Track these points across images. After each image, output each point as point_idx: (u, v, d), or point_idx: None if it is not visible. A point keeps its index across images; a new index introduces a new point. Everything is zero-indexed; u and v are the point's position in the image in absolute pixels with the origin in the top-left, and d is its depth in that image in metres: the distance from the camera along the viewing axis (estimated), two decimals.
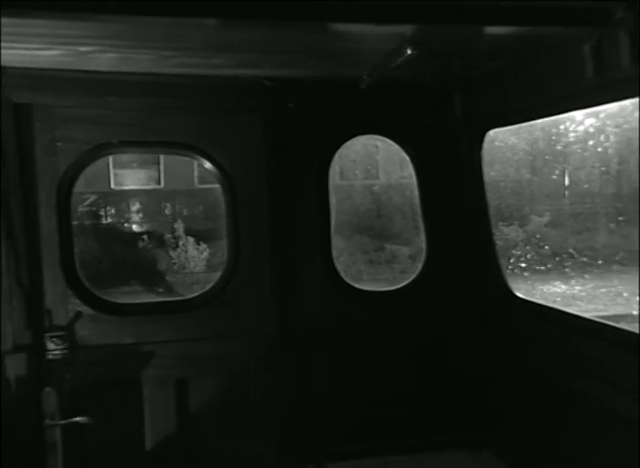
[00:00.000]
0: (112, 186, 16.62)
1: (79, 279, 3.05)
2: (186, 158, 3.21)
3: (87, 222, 15.55)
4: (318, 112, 3.22)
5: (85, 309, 3.03)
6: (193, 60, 2.73)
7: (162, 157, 17.74)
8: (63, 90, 2.88)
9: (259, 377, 3.19)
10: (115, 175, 17.10)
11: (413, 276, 3.44)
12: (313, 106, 3.20)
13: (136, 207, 14.84)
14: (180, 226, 13.43)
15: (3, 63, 2.71)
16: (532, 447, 3.08)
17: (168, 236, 13.25)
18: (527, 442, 3.11)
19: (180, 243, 13.05)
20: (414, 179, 3.36)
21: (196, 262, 12.55)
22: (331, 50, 2.56)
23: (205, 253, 12.43)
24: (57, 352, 2.97)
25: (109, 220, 14.83)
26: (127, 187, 15.28)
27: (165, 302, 3.37)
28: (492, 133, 3.14)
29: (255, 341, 3.18)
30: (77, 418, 2.89)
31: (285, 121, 3.17)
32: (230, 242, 3.22)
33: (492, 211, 3.24)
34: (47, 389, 2.89)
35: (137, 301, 3.12)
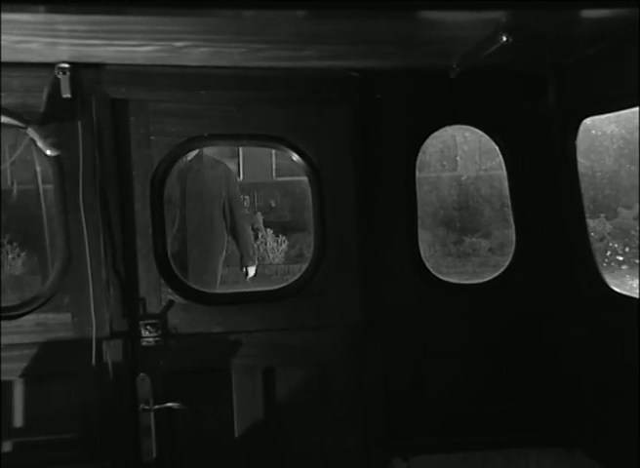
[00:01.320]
0: None
1: (171, 268, 3.14)
2: (265, 151, 3.28)
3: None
4: (406, 103, 3.18)
5: (177, 298, 3.11)
6: (283, 53, 2.75)
7: (241, 151, 18.08)
8: (157, 85, 2.96)
9: (345, 368, 3.21)
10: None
11: (501, 268, 3.36)
12: (401, 97, 3.17)
13: None
14: (259, 218, 13.63)
15: (102, 60, 2.83)
16: (625, 446, 2.97)
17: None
18: (620, 441, 3.00)
19: (260, 235, 13.24)
20: (492, 172, 3.29)
21: (275, 254, 12.71)
22: (421, 39, 2.53)
23: (284, 246, 12.57)
24: (150, 339, 3.06)
25: None
26: None
27: (253, 292, 3.42)
28: (588, 121, 3.03)
29: (341, 332, 3.20)
30: (169, 404, 2.99)
31: (372, 112, 3.15)
32: (317, 233, 3.23)
33: (586, 202, 3.13)
34: (141, 375, 3.01)
35: (226, 291, 3.20)
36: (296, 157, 3.19)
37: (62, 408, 3.01)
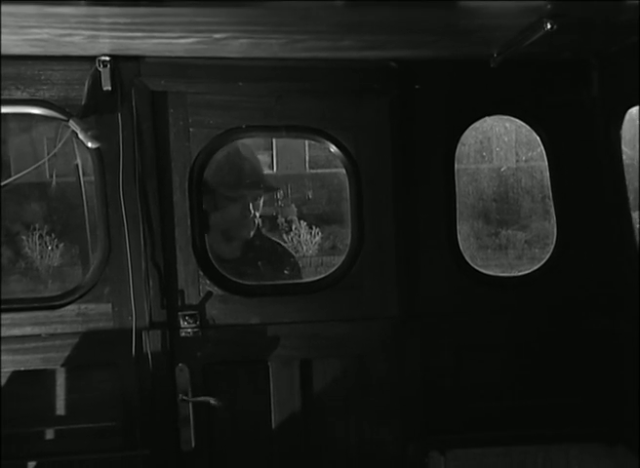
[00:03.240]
0: None
1: (210, 260, 3.16)
2: (299, 142, 3.27)
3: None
4: (446, 93, 3.14)
5: (215, 289, 3.13)
6: (321, 44, 2.74)
7: (275, 142, 18.11)
8: (196, 77, 2.97)
9: (382, 361, 3.19)
10: None
11: (542, 261, 3.31)
12: (441, 87, 3.13)
13: None
14: (293, 210, 13.64)
15: (142, 53, 2.85)
16: None
17: (281, 220, 13.50)
18: None
19: (294, 227, 13.24)
20: (532, 163, 3.24)
21: (309, 246, 12.72)
22: (463, 28, 2.49)
23: (317, 238, 12.58)
24: (189, 330, 3.08)
25: None
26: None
27: (290, 284, 3.43)
28: (633, 110, 2.95)
29: (379, 324, 3.18)
30: (207, 398, 3.02)
31: (411, 103, 3.12)
32: (354, 225, 3.22)
33: (631, 194, 3.06)
34: (180, 365, 3.04)
35: (263, 283, 3.20)
36: (334, 148, 3.18)
37: (103, 397, 3.06)
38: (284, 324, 3.15)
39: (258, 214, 3.52)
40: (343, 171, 3.23)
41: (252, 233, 3.52)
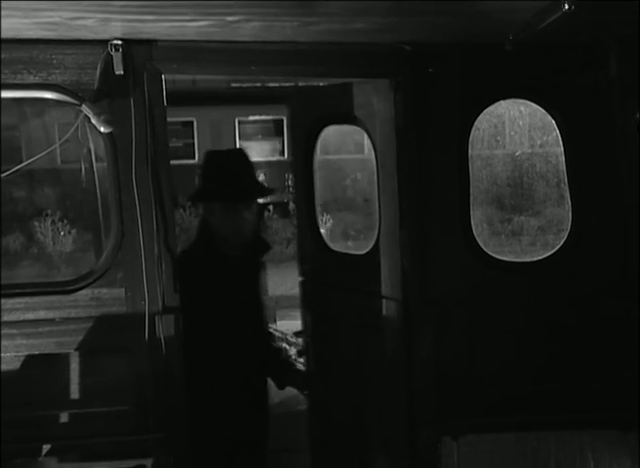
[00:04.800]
0: None
1: None
2: None
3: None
4: (460, 76, 3.10)
5: None
6: (334, 26, 2.71)
7: (286, 129, 18.10)
8: (208, 60, 2.95)
9: (395, 346, 3.19)
10: (242, 146, 17.65)
11: (556, 246, 3.29)
12: (455, 71, 3.10)
13: (261, 178, 15.24)
14: None
15: (154, 37, 2.83)
16: None
17: (292, 206, 13.52)
18: None
19: None
20: (547, 148, 3.20)
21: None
22: (478, 9, 2.45)
23: (328, 224, 12.58)
24: None
25: None
26: (252, 159, 15.69)
27: None
28: None
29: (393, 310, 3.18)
30: None
31: (424, 86, 3.09)
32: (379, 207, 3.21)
33: None
34: None
35: None
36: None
37: (116, 380, 3.07)
38: None
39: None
40: (351, 156, 3.23)
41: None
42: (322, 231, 3.87)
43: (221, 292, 3.19)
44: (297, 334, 3.53)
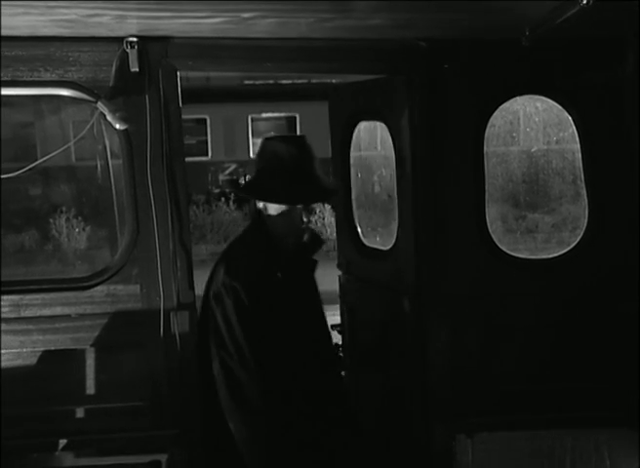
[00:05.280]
0: (251, 155, 17.15)
1: None
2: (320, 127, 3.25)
3: (228, 190, 16.22)
4: (476, 72, 3.09)
5: None
6: (349, 23, 2.70)
7: (298, 126, 18.09)
8: (223, 57, 2.96)
9: (411, 342, 3.18)
10: (254, 144, 17.65)
11: (572, 244, 3.26)
12: (471, 67, 3.08)
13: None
14: None
15: (169, 34, 2.84)
16: None
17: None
18: None
19: (318, 210, 13.23)
20: (564, 145, 3.17)
21: (332, 229, 12.72)
22: (495, 5, 2.44)
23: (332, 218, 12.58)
24: None
25: None
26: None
27: None
28: None
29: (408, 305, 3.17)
30: None
31: (440, 83, 3.07)
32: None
33: None
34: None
35: None
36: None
37: (132, 376, 3.08)
38: None
39: None
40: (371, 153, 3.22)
41: None
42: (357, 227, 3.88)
43: (289, 294, 2.81)
44: (333, 327, 3.53)
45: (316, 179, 2.76)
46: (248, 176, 15.87)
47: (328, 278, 3.66)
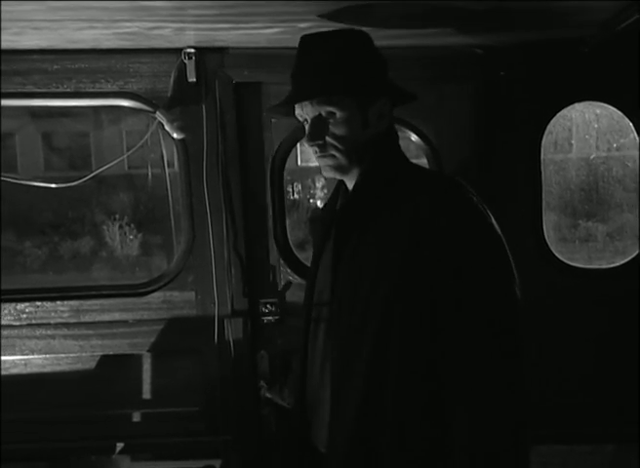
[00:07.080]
0: (299, 163, 17.24)
1: (290, 249, 3.18)
2: None
3: None
4: (533, 79, 3.03)
5: (295, 278, 3.15)
6: (405, 30, 2.69)
7: None
8: (278, 67, 2.98)
9: None
10: (302, 152, 17.73)
11: (633, 254, 3.17)
12: (528, 73, 3.03)
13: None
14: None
15: (226, 44, 2.88)
16: None
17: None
18: None
19: None
20: (625, 152, 3.09)
21: None
22: (557, 9, 2.39)
23: None
24: (269, 318, 3.12)
25: (296, 196, 15.41)
26: (312, 164, 15.73)
27: None
28: None
29: None
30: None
31: (496, 90, 3.03)
32: None
33: None
34: (261, 352, 3.08)
35: None
36: (414, 137, 3.13)
37: (187, 382, 3.13)
38: None
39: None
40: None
41: None
42: None
43: None
44: None
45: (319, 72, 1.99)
46: (296, 184, 15.95)
47: None
